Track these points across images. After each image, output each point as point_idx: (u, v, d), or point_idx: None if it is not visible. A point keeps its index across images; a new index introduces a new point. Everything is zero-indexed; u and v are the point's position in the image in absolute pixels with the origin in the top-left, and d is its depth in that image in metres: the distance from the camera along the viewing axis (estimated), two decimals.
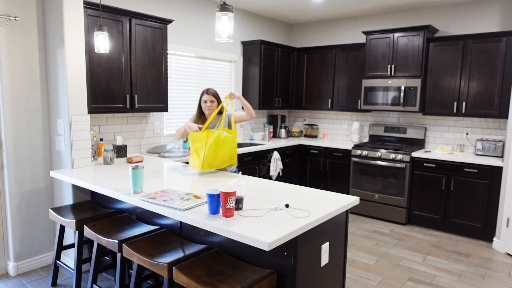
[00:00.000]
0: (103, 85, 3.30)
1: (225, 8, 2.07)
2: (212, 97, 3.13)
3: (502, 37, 4.03)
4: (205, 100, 3.14)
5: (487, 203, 4.01)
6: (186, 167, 3.20)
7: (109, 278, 3.10)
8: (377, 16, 5.25)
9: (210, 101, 3.14)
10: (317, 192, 2.43)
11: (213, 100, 3.14)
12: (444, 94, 4.45)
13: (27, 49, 3.03)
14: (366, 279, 3.19)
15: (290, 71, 5.67)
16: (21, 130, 3.05)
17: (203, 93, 3.15)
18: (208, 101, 3.14)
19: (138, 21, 3.49)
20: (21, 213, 3.11)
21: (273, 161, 4.88)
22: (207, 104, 3.14)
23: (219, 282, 1.74)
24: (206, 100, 3.14)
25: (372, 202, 4.76)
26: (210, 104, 3.14)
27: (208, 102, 3.14)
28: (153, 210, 2.10)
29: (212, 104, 3.14)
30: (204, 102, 3.16)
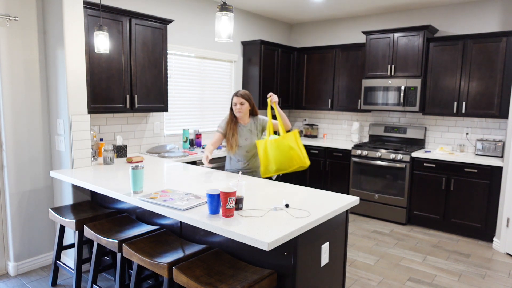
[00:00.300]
0: (103, 85, 3.30)
1: (225, 8, 2.07)
2: (241, 99, 2.98)
3: (502, 37, 4.03)
4: (235, 102, 2.99)
5: (487, 203, 4.01)
6: (186, 167, 3.20)
7: (109, 278, 3.10)
8: (377, 16, 5.25)
9: (240, 103, 2.98)
10: (317, 192, 2.43)
11: (243, 102, 2.98)
12: (444, 94, 4.45)
13: (27, 49, 3.03)
14: (366, 279, 3.19)
15: (290, 71, 5.67)
16: (21, 130, 3.05)
17: (233, 96, 3.02)
18: (238, 103, 2.98)
19: (138, 21, 3.49)
20: (21, 213, 3.11)
21: None
22: (237, 107, 2.98)
23: (219, 282, 1.74)
24: (236, 102, 2.98)
25: (372, 202, 4.76)
26: (240, 106, 2.98)
27: (238, 105, 2.98)
28: (153, 210, 2.10)
29: (243, 106, 2.98)
30: (234, 105, 3.00)
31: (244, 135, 3.04)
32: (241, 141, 3.03)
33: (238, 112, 2.98)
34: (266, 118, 3.09)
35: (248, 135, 3.05)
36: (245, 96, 3.00)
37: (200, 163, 3.90)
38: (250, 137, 3.05)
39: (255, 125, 3.10)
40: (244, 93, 3.01)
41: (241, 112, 2.99)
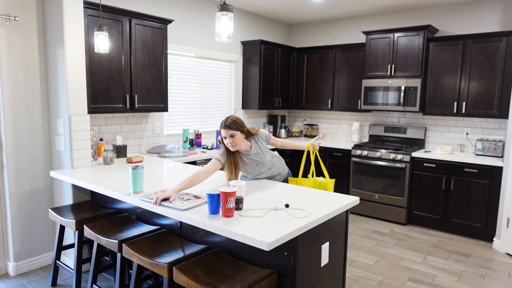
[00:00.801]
0: (103, 85, 3.30)
1: (225, 8, 2.07)
2: (231, 131, 2.47)
3: (502, 37, 4.03)
4: (224, 136, 2.50)
5: (487, 203, 4.01)
6: (186, 167, 3.20)
7: (109, 278, 3.09)
8: (377, 16, 5.25)
9: (230, 135, 2.47)
10: (317, 192, 2.43)
11: (234, 134, 2.47)
12: (444, 94, 4.45)
13: (27, 49, 3.03)
14: (366, 279, 3.19)
15: (290, 71, 5.66)
16: (21, 130, 3.05)
17: (220, 128, 2.53)
18: (228, 137, 2.48)
19: (138, 21, 3.49)
20: (21, 213, 3.11)
21: None
22: (227, 141, 2.49)
23: (219, 282, 1.74)
24: (225, 135, 2.49)
25: (372, 202, 4.76)
26: (231, 140, 2.48)
27: (228, 138, 2.48)
28: (153, 210, 2.10)
29: (234, 139, 2.48)
30: (224, 138, 2.52)
31: (253, 162, 2.66)
32: (252, 167, 2.68)
33: (232, 146, 2.50)
34: (265, 132, 2.76)
35: (257, 159, 2.67)
36: (233, 126, 2.48)
37: (200, 163, 3.90)
38: (261, 159, 2.68)
39: (260, 146, 2.69)
40: (232, 122, 2.49)
41: (236, 146, 2.50)
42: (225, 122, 2.49)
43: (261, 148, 2.69)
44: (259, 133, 2.69)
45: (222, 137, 2.52)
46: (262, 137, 2.72)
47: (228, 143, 2.49)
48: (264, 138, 2.74)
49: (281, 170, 2.88)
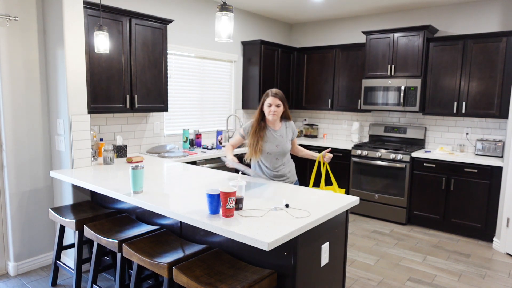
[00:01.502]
0: (103, 85, 3.30)
1: (225, 8, 2.07)
2: (278, 100, 2.63)
3: (502, 37, 4.03)
4: (269, 103, 2.64)
5: (487, 203, 4.01)
6: (186, 167, 3.20)
7: (109, 278, 3.09)
8: (377, 16, 5.25)
9: (276, 105, 2.63)
10: (317, 192, 2.43)
11: (279, 104, 2.64)
12: (444, 94, 4.45)
13: (27, 49, 3.03)
14: (366, 279, 3.19)
15: (290, 71, 5.66)
16: (21, 130, 3.05)
17: (267, 95, 2.66)
18: (274, 105, 2.63)
19: (138, 21, 3.49)
20: (21, 213, 3.11)
21: None
22: (271, 109, 2.64)
23: (219, 282, 1.74)
24: (271, 103, 2.63)
25: (372, 202, 4.76)
26: (275, 108, 2.64)
27: (273, 106, 2.63)
28: (153, 210, 2.10)
29: (278, 109, 2.64)
30: (268, 106, 2.65)
31: (274, 141, 2.72)
32: (270, 147, 2.71)
33: (272, 115, 2.64)
34: (294, 127, 2.87)
35: (279, 141, 2.74)
36: (282, 98, 2.67)
37: (200, 163, 3.90)
38: (282, 143, 2.74)
39: (287, 131, 2.79)
40: (281, 93, 2.67)
41: (276, 115, 2.66)
42: (276, 93, 2.65)
43: (287, 134, 2.78)
44: (291, 122, 2.84)
45: (266, 104, 2.65)
46: (292, 127, 2.84)
47: (271, 111, 2.64)
48: (293, 130, 2.85)
49: (290, 174, 2.87)
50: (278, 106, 2.64)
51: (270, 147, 2.71)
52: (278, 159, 2.76)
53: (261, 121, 2.70)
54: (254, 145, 2.66)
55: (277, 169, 2.78)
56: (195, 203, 2.11)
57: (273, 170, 2.78)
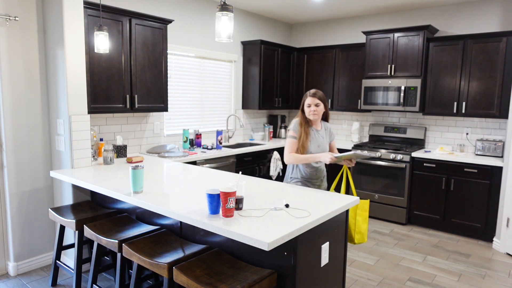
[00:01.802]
0: (103, 85, 3.30)
1: (225, 8, 2.07)
2: (317, 100, 2.71)
3: (502, 37, 4.03)
4: (309, 103, 2.72)
5: (487, 203, 4.01)
6: (186, 167, 3.20)
7: (109, 278, 3.10)
8: (377, 16, 5.25)
9: (315, 104, 2.71)
10: (317, 192, 2.43)
11: (319, 104, 2.72)
12: (444, 94, 4.45)
13: (27, 49, 3.03)
14: (366, 279, 3.19)
15: (290, 71, 5.66)
16: (21, 130, 3.05)
17: (306, 95, 2.75)
18: (313, 105, 2.71)
19: (138, 21, 3.49)
20: (21, 213, 3.11)
21: (273, 161, 4.88)
22: (311, 109, 2.71)
23: (219, 282, 1.74)
24: (310, 103, 2.72)
25: (372, 202, 4.76)
26: (315, 108, 2.71)
27: (313, 106, 2.71)
28: (153, 210, 2.10)
29: (318, 108, 2.72)
30: (307, 106, 2.73)
31: (316, 141, 2.77)
32: (313, 146, 2.74)
33: (313, 115, 2.72)
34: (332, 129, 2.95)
35: (321, 141, 2.79)
36: (322, 98, 2.74)
37: (200, 163, 3.90)
38: (323, 144, 2.80)
39: (325, 133, 2.86)
40: (320, 93, 2.75)
41: (317, 115, 2.73)
42: (315, 92, 2.72)
43: (326, 136, 2.84)
44: (330, 125, 2.92)
45: (306, 104, 2.73)
46: (331, 130, 2.92)
47: (311, 111, 2.71)
48: (331, 132, 2.91)
49: (324, 179, 2.90)
50: (318, 106, 2.71)
51: (313, 146, 2.74)
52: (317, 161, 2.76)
53: (305, 120, 2.76)
54: (304, 141, 2.71)
55: (316, 169, 2.79)
56: (195, 203, 2.11)
57: (312, 170, 2.77)
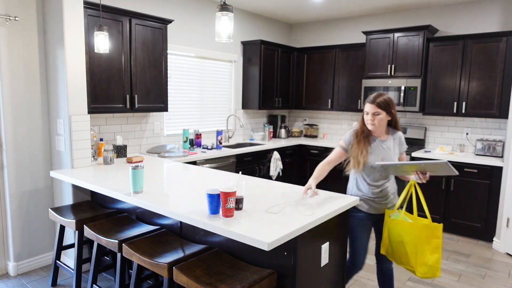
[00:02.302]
0: (103, 85, 3.30)
1: (225, 8, 2.07)
2: (376, 108, 2.28)
3: (502, 37, 4.03)
4: (366, 111, 2.32)
5: (487, 203, 4.01)
6: (186, 167, 3.20)
7: (109, 278, 3.10)
8: (377, 16, 5.25)
9: (374, 113, 2.29)
10: (317, 192, 2.43)
11: (378, 112, 2.28)
12: (444, 94, 4.45)
13: (27, 49, 3.03)
14: (366, 279, 3.19)
15: (290, 71, 5.67)
16: (21, 130, 3.05)
17: (365, 102, 2.35)
18: (370, 113, 2.30)
19: (138, 21, 3.49)
20: (21, 213, 3.11)
21: (273, 161, 4.88)
22: (368, 117, 2.31)
23: (219, 282, 1.74)
24: (367, 111, 2.31)
25: None
26: (372, 117, 2.30)
27: (370, 115, 2.30)
28: (153, 210, 2.10)
29: (377, 117, 2.29)
30: (365, 114, 2.34)
31: (380, 153, 2.35)
32: (375, 160, 2.33)
33: (370, 124, 2.32)
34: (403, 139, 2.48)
35: (386, 153, 2.36)
36: (382, 105, 2.28)
37: (200, 163, 3.90)
38: (389, 157, 2.36)
39: (394, 144, 2.42)
40: (381, 99, 2.29)
41: (374, 125, 2.31)
42: (375, 98, 2.30)
43: (394, 147, 2.41)
44: (400, 133, 2.46)
45: (365, 112, 2.34)
46: (400, 139, 2.46)
47: (368, 120, 2.31)
48: (400, 142, 2.46)
49: (394, 197, 2.49)
50: (377, 115, 2.28)
51: (375, 159, 2.33)
52: (382, 175, 2.38)
53: (364, 129, 2.36)
54: (359, 155, 2.31)
55: (380, 188, 2.38)
56: (195, 203, 2.11)
57: (375, 188, 2.38)
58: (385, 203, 2.42)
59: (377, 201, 2.40)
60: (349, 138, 2.40)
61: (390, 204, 2.45)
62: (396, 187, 2.53)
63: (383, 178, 2.39)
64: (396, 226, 2.24)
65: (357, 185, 2.43)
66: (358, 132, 2.38)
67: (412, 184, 2.30)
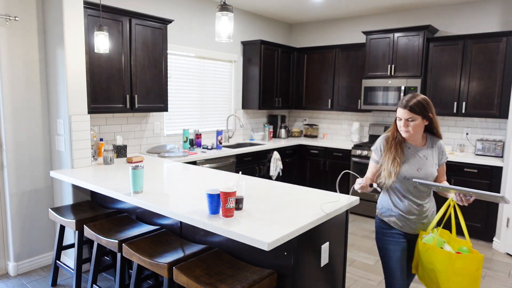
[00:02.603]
0: (103, 85, 3.30)
1: (225, 8, 2.07)
2: (410, 114, 1.95)
3: (502, 37, 4.03)
4: (399, 117, 2.01)
5: (487, 203, 4.01)
6: (186, 167, 3.20)
7: (109, 278, 3.10)
8: (377, 16, 5.25)
9: (407, 119, 1.96)
10: (317, 192, 2.43)
11: (413, 118, 1.95)
12: (444, 94, 4.45)
13: (27, 49, 3.03)
14: (366, 279, 3.19)
15: (290, 71, 5.67)
16: (21, 130, 3.05)
17: (397, 106, 2.03)
18: (403, 119, 1.97)
19: (138, 21, 3.49)
20: (21, 213, 3.11)
21: (273, 161, 4.88)
22: (401, 124, 2.00)
23: (219, 282, 1.74)
24: (400, 116, 1.99)
25: (372, 202, 4.75)
26: (405, 123, 1.98)
27: (403, 121, 1.98)
28: (153, 210, 2.10)
29: (411, 124, 1.96)
30: (398, 120, 2.03)
31: (416, 162, 2.03)
32: (409, 170, 2.01)
33: (404, 132, 2.00)
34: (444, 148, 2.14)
35: (422, 163, 2.03)
36: (416, 109, 1.94)
37: (200, 163, 3.90)
38: (426, 167, 2.03)
39: (432, 152, 2.08)
40: (415, 102, 1.95)
41: (409, 132, 1.99)
42: (408, 102, 1.96)
43: (433, 157, 2.07)
44: (440, 142, 2.12)
45: (397, 117, 2.03)
46: (440, 148, 2.11)
47: (402, 128, 2.00)
48: (440, 151, 2.11)
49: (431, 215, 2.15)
50: (411, 121, 1.96)
51: (409, 170, 2.01)
52: (417, 188, 2.03)
53: (397, 134, 2.06)
54: (390, 164, 2.02)
55: (418, 204, 2.06)
56: (195, 203, 2.11)
57: (411, 205, 2.05)
58: (423, 222, 2.09)
59: (414, 220, 2.06)
60: (379, 146, 2.11)
61: (426, 224, 2.12)
62: (434, 205, 2.19)
63: (420, 192, 2.05)
64: (428, 252, 1.94)
65: (391, 200, 2.10)
66: (389, 137, 2.08)
67: (452, 205, 1.97)
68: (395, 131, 2.08)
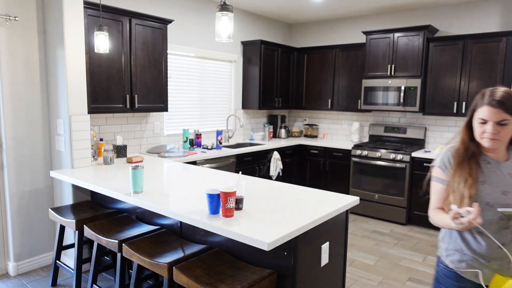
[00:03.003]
0: (103, 85, 3.30)
1: (225, 8, 2.07)
2: (504, 114, 1.38)
3: (502, 37, 4.03)
4: (482, 118, 1.43)
5: None
6: (186, 167, 3.20)
7: (109, 278, 3.10)
8: (377, 16, 5.25)
9: (498, 122, 1.40)
10: (317, 192, 2.43)
11: (506, 121, 1.39)
12: (444, 94, 4.45)
13: (27, 49, 3.03)
14: (366, 279, 3.19)
15: (290, 71, 5.67)
16: (21, 130, 3.05)
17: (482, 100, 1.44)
18: (491, 122, 1.41)
19: (138, 21, 3.49)
20: (21, 213, 3.11)
21: (273, 161, 4.88)
22: (486, 129, 1.42)
23: (219, 282, 1.74)
24: (486, 118, 1.42)
25: (372, 202, 4.76)
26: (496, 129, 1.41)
27: (489, 124, 1.41)
28: (153, 210, 2.10)
29: (502, 130, 1.41)
30: (481, 123, 1.44)
31: (497, 182, 1.47)
32: (491, 192, 1.45)
33: (489, 140, 1.43)
34: None
35: (506, 183, 1.46)
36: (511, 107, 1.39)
37: (200, 163, 3.90)
38: None
39: None
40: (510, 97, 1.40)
41: (498, 140, 1.43)
42: (497, 96, 1.40)
43: None
44: None
45: (478, 118, 1.45)
46: None
47: (485, 133, 1.43)
48: None
49: None
50: (503, 124, 1.40)
51: (492, 193, 1.45)
52: (503, 220, 1.44)
53: (470, 144, 1.51)
54: (461, 185, 1.46)
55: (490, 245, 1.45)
56: (195, 203, 2.11)
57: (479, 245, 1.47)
58: (496, 268, 1.46)
59: (496, 265, 1.46)
60: (446, 159, 1.54)
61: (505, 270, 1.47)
62: None
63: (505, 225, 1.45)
64: None
65: (462, 237, 1.52)
66: (459, 149, 1.52)
67: None
68: (467, 140, 1.51)
